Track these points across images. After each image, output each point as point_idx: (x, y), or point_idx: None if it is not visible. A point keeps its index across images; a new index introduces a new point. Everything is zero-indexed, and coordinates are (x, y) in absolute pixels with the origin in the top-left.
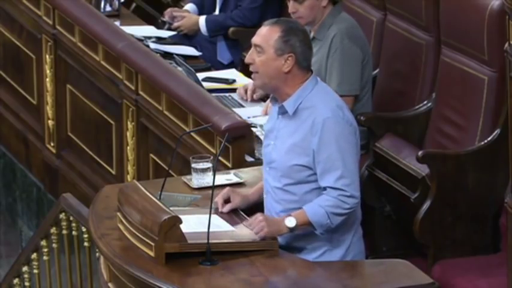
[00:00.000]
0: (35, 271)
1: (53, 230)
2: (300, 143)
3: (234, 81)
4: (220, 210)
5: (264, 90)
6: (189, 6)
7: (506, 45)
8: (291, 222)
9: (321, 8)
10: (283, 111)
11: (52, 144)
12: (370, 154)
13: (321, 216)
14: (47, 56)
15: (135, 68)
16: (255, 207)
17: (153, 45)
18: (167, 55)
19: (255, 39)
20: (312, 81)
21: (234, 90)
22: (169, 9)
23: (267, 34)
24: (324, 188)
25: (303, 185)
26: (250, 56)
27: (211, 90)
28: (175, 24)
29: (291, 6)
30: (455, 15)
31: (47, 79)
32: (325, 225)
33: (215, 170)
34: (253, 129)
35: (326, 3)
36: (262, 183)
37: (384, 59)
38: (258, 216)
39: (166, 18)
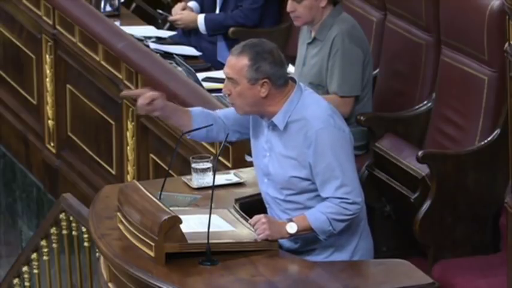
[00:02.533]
0: (35, 271)
1: (53, 230)
2: (296, 157)
3: None
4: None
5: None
6: (193, 4)
7: (506, 45)
8: (292, 228)
9: (319, 9)
10: (273, 126)
11: (52, 144)
12: (370, 154)
13: (322, 222)
14: (47, 56)
15: (135, 68)
16: (258, 209)
17: (153, 45)
18: (167, 55)
19: (226, 72)
20: (297, 93)
21: None
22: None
23: (236, 65)
24: (326, 198)
25: (305, 194)
26: (227, 88)
27: (211, 90)
28: (173, 17)
29: (289, 5)
30: (455, 15)
31: (47, 79)
32: (327, 232)
33: (215, 170)
34: None
35: (325, 3)
36: (186, 109)
37: (384, 59)
38: (262, 218)
39: (161, 11)
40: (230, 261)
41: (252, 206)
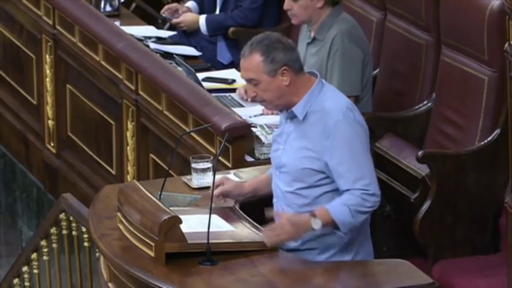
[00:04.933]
0: (35, 271)
1: (53, 230)
2: (312, 147)
3: (234, 81)
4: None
5: (278, 110)
6: (190, 4)
7: (506, 45)
8: (317, 224)
9: (316, 9)
10: (292, 116)
11: (52, 144)
12: (370, 154)
13: (345, 214)
14: (47, 56)
15: (135, 68)
16: (258, 209)
17: (153, 45)
18: (167, 55)
19: (245, 75)
20: (318, 85)
21: (234, 90)
22: (168, 6)
23: (250, 65)
24: (343, 191)
25: (315, 188)
26: (251, 90)
27: (211, 90)
28: (176, 20)
29: (286, 3)
30: (455, 15)
31: (47, 79)
32: (348, 224)
33: (215, 170)
34: (253, 129)
35: (322, 4)
36: (261, 177)
37: (384, 59)
38: (282, 217)
39: (165, 14)
40: (230, 261)
41: (252, 206)
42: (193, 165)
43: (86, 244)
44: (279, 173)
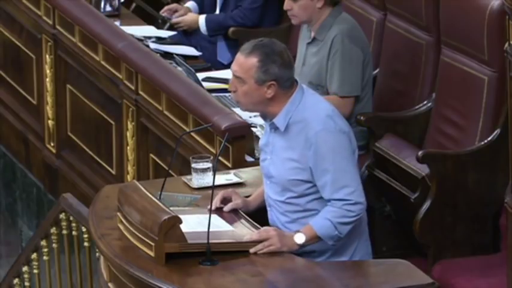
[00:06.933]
0: (35, 271)
1: (53, 230)
2: (297, 158)
3: None
4: (216, 206)
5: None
6: (190, 4)
7: (506, 45)
8: (300, 238)
9: (315, 9)
10: (275, 127)
11: (52, 144)
12: (370, 154)
13: (328, 228)
14: (47, 56)
15: (135, 68)
16: (257, 209)
17: (153, 45)
18: (167, 55)
19: (234, 69)
20: (298, 93)
21: None
22: (168, 6)
23: (244, 64)
24: (328, 200)
25: (305, 197)
26: (233, 85)
27: (211, 90)
28: (176, 19)
29: (286, 3)
30: (455, 15)
31: (47, 79)
32: (334, 237)
33: (215, 170)
34: (253, 129)
35: (321, 4)
36: (261, 189)
37: (384, 59)
38: (271, 230)
39: (165, 14)
40: (230, 261)
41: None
42: (193, 165)
43: (86, 244)
44: (269, 182)
